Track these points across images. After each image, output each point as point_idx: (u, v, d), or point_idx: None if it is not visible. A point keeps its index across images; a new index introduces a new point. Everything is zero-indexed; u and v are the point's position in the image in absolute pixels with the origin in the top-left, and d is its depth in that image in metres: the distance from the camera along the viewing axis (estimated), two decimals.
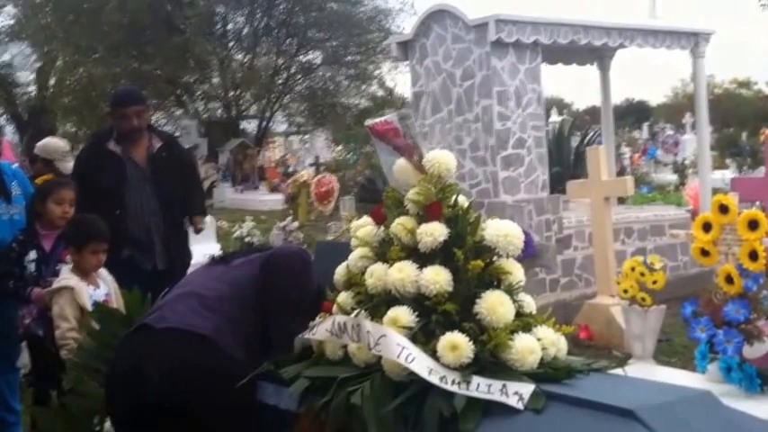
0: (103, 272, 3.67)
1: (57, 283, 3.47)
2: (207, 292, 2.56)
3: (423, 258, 2.23)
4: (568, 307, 6.73)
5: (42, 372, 3.79)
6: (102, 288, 3.57)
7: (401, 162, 2.32)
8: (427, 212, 2.24)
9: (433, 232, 2.20)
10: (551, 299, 6.92)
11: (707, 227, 4.26)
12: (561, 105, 30.67)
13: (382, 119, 2.30)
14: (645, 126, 29.53)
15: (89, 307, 3.31)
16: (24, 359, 4.17)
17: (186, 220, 4.61)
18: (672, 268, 7.80)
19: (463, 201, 2.32)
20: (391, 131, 2.24)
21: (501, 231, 2.19)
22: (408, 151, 2.26)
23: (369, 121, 2.34)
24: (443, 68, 7.27)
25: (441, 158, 2.26)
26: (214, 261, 2.77)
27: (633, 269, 4.62)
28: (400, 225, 2.27)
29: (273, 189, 19.18)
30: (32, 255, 3.78)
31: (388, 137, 2.27)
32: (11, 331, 3.94)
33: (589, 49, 7.86)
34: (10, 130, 24.18)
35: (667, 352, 5.45)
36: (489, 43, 6.77)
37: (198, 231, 4.76)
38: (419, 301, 2.19)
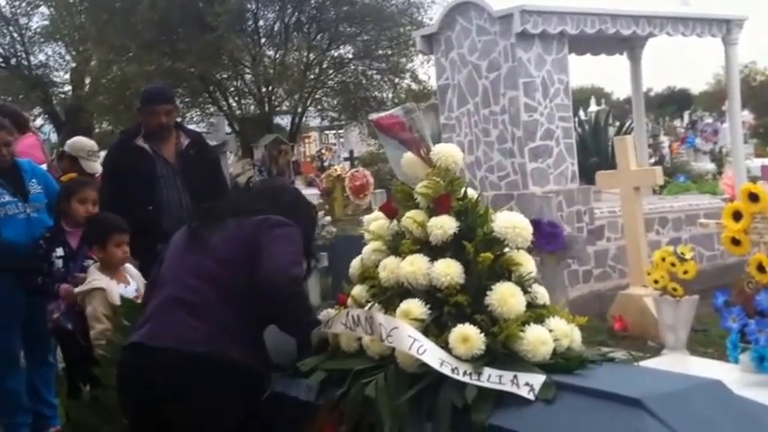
0: (131, 268, 3.75)
1: (87, 285, 3.56)
2: (193, 296, 2.45)
3: (434, 251, 2.25)
4: (603, 298, 6.69)
5: (73, 366, 3.91)
6: (132, 284, 3.64)
7: (409, 156, 2.34)
8: (437, 205, 2.25)
9: (443, 225, 2.22)
10: (585, 290, 6.88)
11: (737, 216, 4.21)
12: (600, 95, 30.27)
13: (387, 113, 2.31)
14: (686, 114, 29.04)
15: None
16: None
17: None
18: (708, 258, 7.70)
19: (472, 193, 2.33)
20: (397, 125, 2.26)
21: (510, 223, 2.20)
22: (415, 145, 2.27)
23: (373, 116, 2.35)
24: (469, 61, 7.24)
25: (447, 151, 2.27)
26: (190, 238, 2.60)
27: (664, 259, 4.59)
28: (410, 218, 2.30)
29: (309, 183, 19.29)
30: (59, 251, 3.88)
31: (393, 131, 2.28)
32: (42, 327, 4.05)
33: (618, 38, 7.76)
34: (49, 129, 24.71)
35: (703, 342, 5.38)
36: (514, 34, 6.72)
37: None
38: (431, 294, 2.21)
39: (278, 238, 2.45)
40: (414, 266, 2.22)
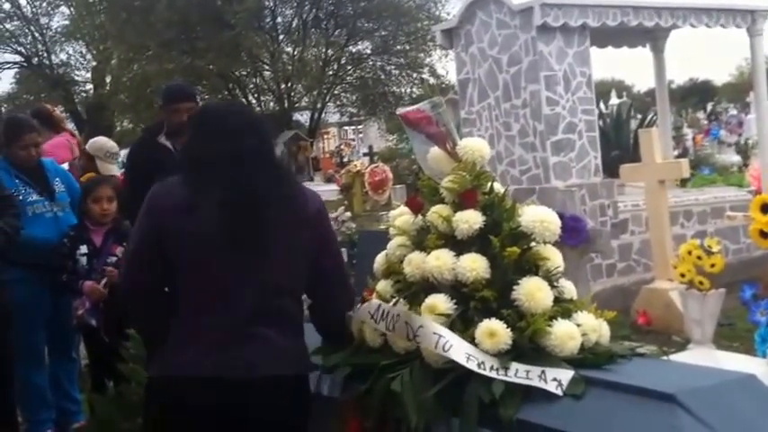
0: None
1: None
2: (280, 315, 2.22)
3: (460, 246, 2.23)
4: (626, 292, 6.62)
5: (97, 362, 3.94)
6: None
7: (435, 150, 2.33)
8: (462, 200, 2.24)
9: (469, 220, 2.20)
10: (608, 284, 6.82)
11: (766, 208, 4.16)
12: (621, 88, 30.06)
13: (414, 107, 2.30)
14: (709, 106, 28.80)
15: None
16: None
17: None
18: (734, 251, 7.60)
19: (498, 188, 2.31)
20: (424, 120, 2.25)
21: (537, 217, 2.18)
22: (441, 139, 2.26)
23: (401, 110, 2.34)
24: (489, 55, 7.20)
25: (474, 146, 2.26)
26: (236, 239, 2.15)
27: (690, 253, 4.54)
28: (436, 213, 2.28)
29: (328, 179, 19.32)
30: (83, 249, 3.92)
31: (420, 125, 2.27)
32: (67, 323, 4.09)
33: (640, 30, 7.67)
34: (71, 128, 25.02)
35: (729, 336, 5.32)
36: (535, 28, 6.66)
37: None
38: (457, 289, 2.19)
39: (336, 252, 2.42)
40: (439, 261, 2.20)
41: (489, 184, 2.30)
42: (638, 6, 7.10)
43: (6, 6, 25.95)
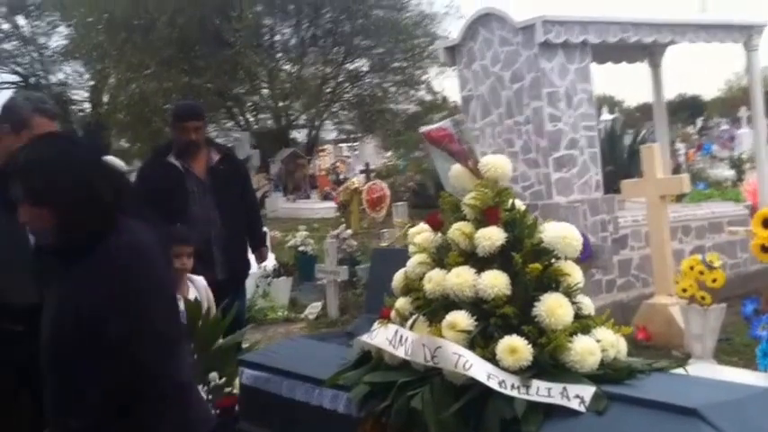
0: (198, 279, 3.76)
1: None
2: None
3: (481, 263, 2.24)
4: (626, 308, 6.63)
5: None
6: (191, 294, 3.64)
7: (457, 167, 2.35)
8: (485, 217, 2.25)
9: (491, 236, 2.22)
10: (608, 300, 6.82)
11: (767, 223, 4.20)
12: (612, 103, 30.17)
13: (437, 125, 2.33)
14: (699, 121, 28.93)
15: None
16: None
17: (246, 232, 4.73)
18: (731, 266, 7.62)
19: (520, 204, 2.33)
20: (446, 137, 2.27)
21: (560, 233, 2.20)
22: (463, 156, 2.28)
23: (424, 128, 2.37)
24: (492, 72, 7.25)
25: (496, 163, 2.28)
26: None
27: (692, 268, 4.57)
28: (458, 230, 2.29)
29: (325, 197, 19.32)
30: None
31: (443, 143, 2.29)
32: None
33: (639, 46, 7.75)
34: None
35: (728, 351, 5.33)
36: (537, 45, 6.72)
37: (262, 262, 5.04)
38: (477, 305, 2.21)
39: None
40: (460, 278, 2.21)
41: (511, 200, 2.33)
42: (638, 23, 7.17)
43: (5, 27, 26.02)
